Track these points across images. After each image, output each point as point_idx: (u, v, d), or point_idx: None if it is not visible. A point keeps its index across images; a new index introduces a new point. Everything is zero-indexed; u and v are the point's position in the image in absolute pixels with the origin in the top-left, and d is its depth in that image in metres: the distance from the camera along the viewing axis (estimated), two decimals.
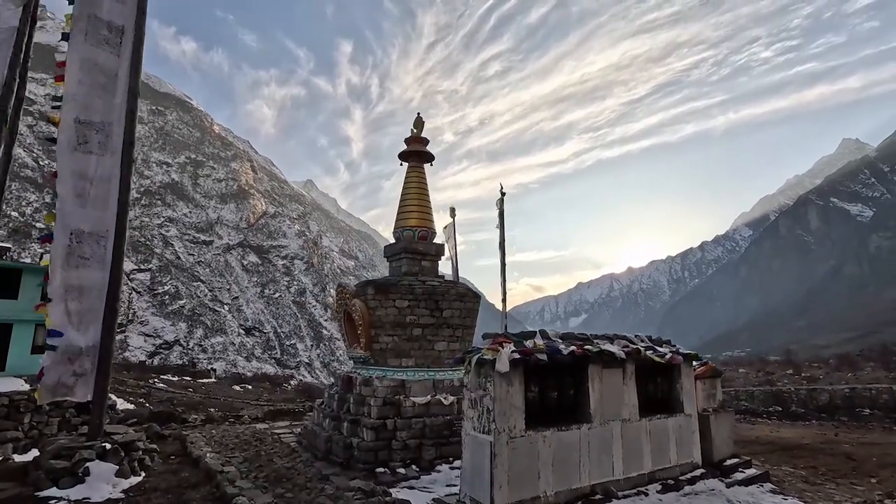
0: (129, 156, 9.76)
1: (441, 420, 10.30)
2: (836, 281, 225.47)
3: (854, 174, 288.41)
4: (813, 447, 13.66)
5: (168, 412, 19.35)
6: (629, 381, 8.19)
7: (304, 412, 42.94)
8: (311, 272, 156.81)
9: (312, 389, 63.88)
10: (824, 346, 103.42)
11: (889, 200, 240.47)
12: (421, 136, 13.40)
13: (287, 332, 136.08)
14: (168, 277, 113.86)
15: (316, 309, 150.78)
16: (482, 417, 6.67)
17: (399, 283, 11.40)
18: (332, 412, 11.17)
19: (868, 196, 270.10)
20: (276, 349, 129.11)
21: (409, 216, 12.82)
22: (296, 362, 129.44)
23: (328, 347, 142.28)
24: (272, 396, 53.81)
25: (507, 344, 6.82)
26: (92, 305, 8.92)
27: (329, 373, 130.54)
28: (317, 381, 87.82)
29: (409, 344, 11.16)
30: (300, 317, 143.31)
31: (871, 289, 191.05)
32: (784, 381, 37.22)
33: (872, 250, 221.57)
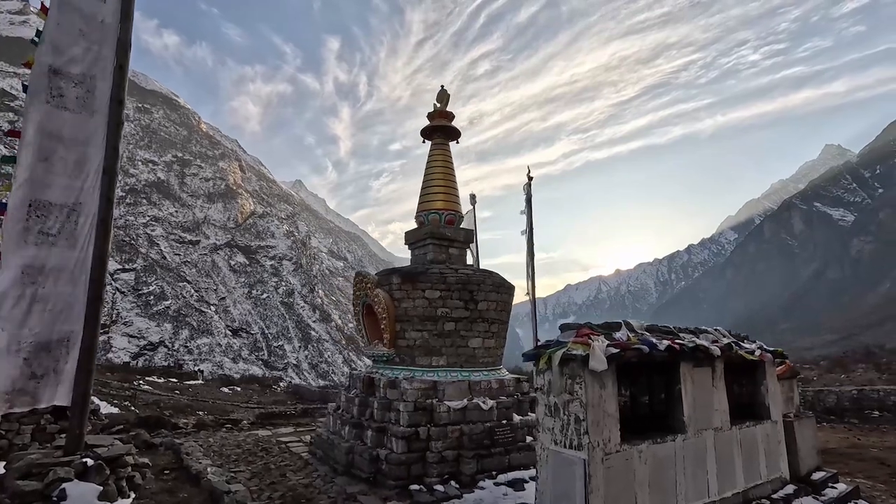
0: (117, 116, 8.26)
1: (481, 428, 8.92)
2: (818, 284, 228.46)
3: (836, 179, 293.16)
4: (841, 452, 13.06)
5: (156, 417, 17.68)
6: (719, 383, 6.91)
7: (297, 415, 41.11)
8: (299, 273, 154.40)
9: (302, 391, 61.89)
10: (808, 347, 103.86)
11: (870, 205, 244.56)
12: (446, 110, 12.04)
13: (275, 333, 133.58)
14: (153, 277, 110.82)
15: (304, 310, 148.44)
16: (568, 428, 5.32)
17: (428, 271, 10.02)
18: (352, 418, 9.73)
19: (849, 201, 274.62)
20: (264, 350, 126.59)
21: (434, 198, 11.45)
22: (283, 364, 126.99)
23: (316, 349, 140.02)
24: (262, 399, 51.79)
25: (597, 336, 5.50)
26: (59, 291, 7.35)
27: (317, 375, 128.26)
28: (305, 383, 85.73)
29: (440, 340, 9.77)
30: (288, 318, 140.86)
31: (852, 292, 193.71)
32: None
33: (854, 254, 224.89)
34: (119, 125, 8.37)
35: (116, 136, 8.28)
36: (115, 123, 8.28)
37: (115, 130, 8.29)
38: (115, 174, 8.20)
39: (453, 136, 12.15)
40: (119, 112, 8.38)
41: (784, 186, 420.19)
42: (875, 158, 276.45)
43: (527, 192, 13.76)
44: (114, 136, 8.23)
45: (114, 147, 8.21)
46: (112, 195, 8.12)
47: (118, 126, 8.36)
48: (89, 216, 7.85)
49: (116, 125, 8.30)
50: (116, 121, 8.31)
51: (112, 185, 8.13)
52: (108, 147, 8.16)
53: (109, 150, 8.15)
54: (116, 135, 8.29)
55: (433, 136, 12.10)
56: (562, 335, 5.78)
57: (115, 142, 8.23)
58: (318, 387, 75.45)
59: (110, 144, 8.18)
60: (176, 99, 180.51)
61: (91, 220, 7.81)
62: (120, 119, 8.39)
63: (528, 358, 5.93)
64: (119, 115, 8.37)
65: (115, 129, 8.27)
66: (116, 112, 8.31)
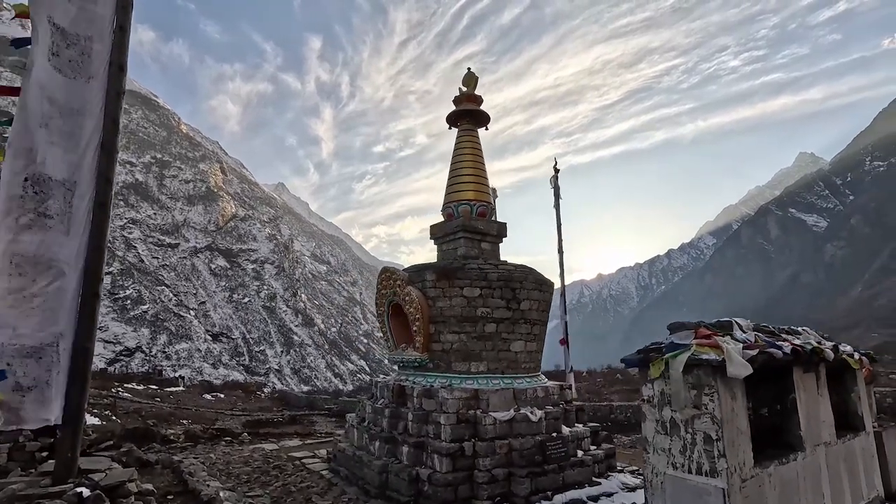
0: (117, 84, 7.10)
1: (531, 442, 7.93)
2: (794, 288, 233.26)
3: (810, 186, 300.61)
4: None
5: (144, 429, 16.23)
6: (823, 391, 6.05)
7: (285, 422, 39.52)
8: (281, 276, 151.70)
9: (289, 398, 59.94)
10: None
11: (842, 212, 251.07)
12: (474, 93, 11.07)
13: (256, 337, 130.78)
14: (130, 281, 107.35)
15: (287, 314, 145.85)
16: (692, 450, 4.36)
17: (466, 266, 9.01)
18: (382, 432, 8.63)
19: (822, 207, 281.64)
20: (245, 356, 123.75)
21: (464, 188, 10.46)
22: (265, 369, 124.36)
23: (299, 354, 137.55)
24: (247, 405, 49.91)
25: (720, 337, 4.57)
26: (51, 284, 6.15)
27: (300, 380, 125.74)
28: (290, 389, 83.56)
29: (480, 343, 8.76)
30: (270, 322, 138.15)
31: (826, 296, 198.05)
32: None
33: (827, 259, 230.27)
34: (119, 95, 7.18)
35: (116, 106, 7.10)
36: (115, 92, 7.10)
37: (115, 100, 7.10)
38: (115, 150, 7.01)
39: (482, 122, 11.19)
40: (120, 80, 7.19)
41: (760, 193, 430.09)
42: (846, 167, 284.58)
43: (554, 185, 12.87)
44: (113, 107, 7.04)
45: (113, 119, 7.02)
46: (111, 174, 6.92)
47: (118, 95, 7.18)
48: (85, 197, 6.65)
49: (116, 94, 7.11)
50: (117, 89, 7.12)
51: (111, 163, 6.94)
52: (107, 119, 6.99)
53: (108, 123, 6.97)
54: (116, 105, 7.10)
55: (460, 121, 11.13)
56: (674, 336, 4.83)
57: (114, 113, 7.04)
58: (303, 392, 73.48)
59: (109, 116, 7.00)
60: (155, 99, 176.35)
61: (88, 203, 6.61)
62: (121, 87, 7.20)
63: (630, 363, 4.97)
64: (120, 82, 7.18)
65: (114, 98, 7.08)
66: (117, 79, 7.13)
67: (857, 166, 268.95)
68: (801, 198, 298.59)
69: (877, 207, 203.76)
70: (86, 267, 6.58)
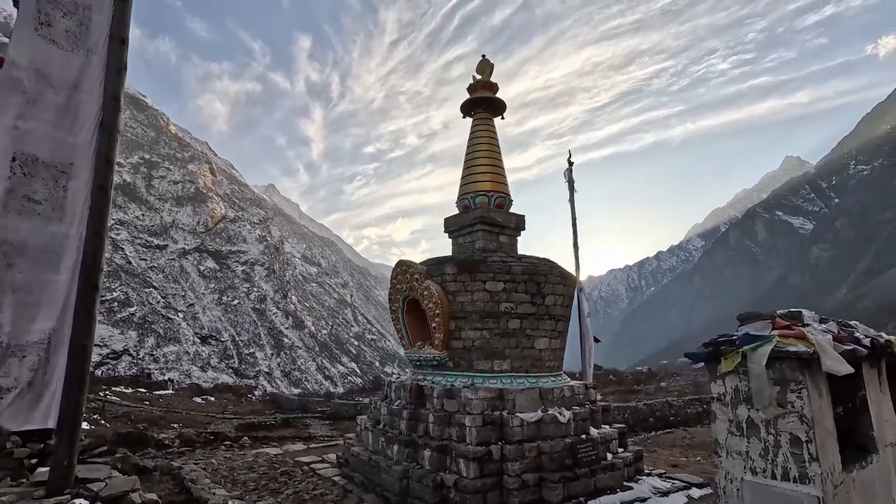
0: (118, 58, 6.53)
1: (561, 444, 7.46)
2: (781, 289, 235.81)
3: (796, 189, 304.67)
4: None
5: (138, 433, 15.52)
6: (884, 387, 5.65)
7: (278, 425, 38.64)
8: (272, 278, 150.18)
9: (281, 400, 58.94)
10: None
11: (827, 215, 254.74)
12: (490, 80, 10.61)
13: (246, 340, 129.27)
14: (117, 283, 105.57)
15: (277, 316, 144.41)
16: (775, 453, 3.92)
17: (488, 259, 8.53)
18: (400, 435, 8.11)
19: (808, 210, 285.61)
20: (234, 358, 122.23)
21: (481, 178, 9.99)
22: (255, 372, 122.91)
23: (289, 356, 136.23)
24: (238, 409, 48.96)
25: (800, 328, 4.13)
26: (40, 277, 5.53)
27: (290, 382, 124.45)
28: (281, 392, 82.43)
29: (504, 341, 8.28)
30: (260, 325, 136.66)
31: (812, 297, 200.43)
32: None
33: (813, 261, 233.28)
34: (121, 70, 6.61)
35: (118, 82, 6.51)
36: (115, 67, 6.54)
37: (116, 76, 6.52)
38: (116, 129, 6.44)
39: (499, 110, 10.74)
40: (121, 54, 6.60)
41: (748, 195, 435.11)
42: (831, 170, 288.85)
43: (568, 179, 12.47)
44: (114, 83, 6.45)
45: (114, 96, 6.44)
46: (112, 156, 6.32)
47: (119, 71, 6.61)
48: (82, 181, 6.06)
49: (118, 70, 6.54)
50: (118, 64, 6.55)
51: (112, 145, 6.34)
52: (107, 96, 6.42)
53: (109, 100, 6.40)
54: (118, 81, 6.51)
55: (475, 110, 10.67)
56: (747, 326, 4.39)
57: (115, 89, 6.46)
58: (295, 395, 72.45)
59: (109, 93, 6.43)
60: (143, 99, 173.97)
61: (85, 187, 6.03)
62: (122, 62, 6.62)
63: (697, 358, 4.52)
64: (121, 57, 6.59)
65: (115, 74, 6.52)
66: (117, 53, 6.54)
67: (841, 170, 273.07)
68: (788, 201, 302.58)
69: (861, 210, 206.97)
70: (83, 256, 6.01)
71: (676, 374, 52.83)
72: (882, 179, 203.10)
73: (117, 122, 6.64)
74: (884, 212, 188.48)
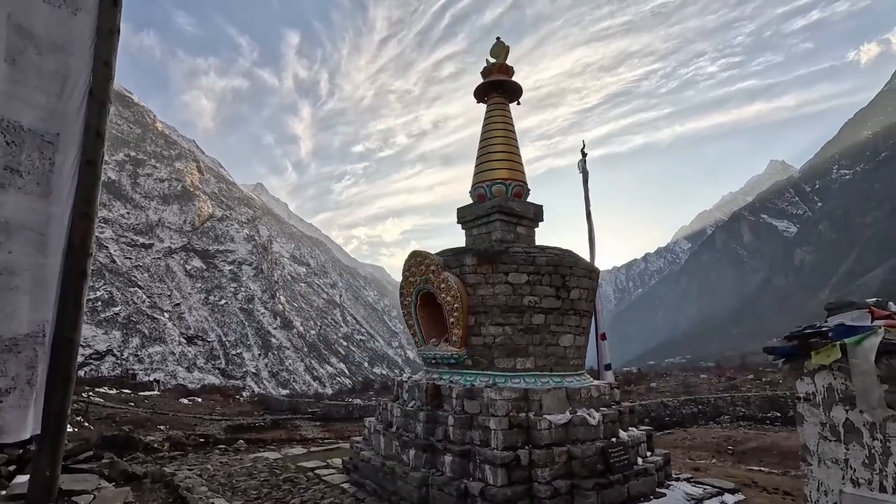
0: (110, 19, 5.89)
1: (592, 448, 6.91)
2: (765, 291, 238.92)
3: (780, 193, 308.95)
4: None
5: (125, 436, 14.69)
6: None
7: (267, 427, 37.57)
8: (259, 278, 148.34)
9: (270, 402, 57.80)
10: (756, 352, 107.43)
11: (811, 218, 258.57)
12: (505, 64, 10.06)
13: (233, 340, 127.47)
14: (101, 282, 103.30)
15: (265, 316, 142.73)
16: (884, 462, 3.39)
17: (510, 249, 7.96)
18: (416, 439, 7.49)
19: (793, 213, 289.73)
20: (221, 359, 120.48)
21: (497, 165, 9.42)
22: (242, 372, 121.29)
23: (277, 357, 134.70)
24: (226, 410, 47.90)
25: None
26: (29, 260, 4.91)
27: (278, 383, 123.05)
28: (270, 393, 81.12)
29: (527, 337, 7.71)
30: (247, 325, 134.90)
31: (796, 299, 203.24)
32: (748, 385, 36.83)
33: (797, 263, 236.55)
34: (113, 32, 5.93)
35: (109, 46, 5.82)
36: (107, 29, 5.86)
37: (108, 39, 5.83)
38: (108, 99, 5.76)
39: (514, 95, 10.19)
40: (113, 14, 5.92)
41: (734, 199, 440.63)
42: (814, 174, 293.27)
43: (582, 169, 11.93)
44: (106, 47, 5.76)
45: (105, 62, 5.76)
46: (103, 128, 5.62)
47: (111, 34, 5.93)
48: (70, 155, 5.39)
49: (109, 31, 5.87)
50: (110, 26, 5.88)
51: (103, 114, 5.62)
52: (98, 61, 5.73)
53: (99, 65, 5.71)
54: (109, 44, 5.84)
55: (490, 94, 10.11)
56: (840, 316, 3.86)
57: (107, 54, 5.76)
58: (284, 396, 71.22)
59: (101, 58, 5.74)
60: (129, 96, 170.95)
61: (73, 161, 5.37)
62: (114, 24, 5.94)
63: (779, 352, 3.99)
64: (113, 18, 5.91)
65: (107, 36, 5.84)
66: (109, 13, 5.84)
67: (824, 174, 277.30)
68: (773, 204, 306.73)
69: (843, 214, 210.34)
70: (70, 239, 5.32)
71: (666, 374, 52.80)
72: (863, 184, 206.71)
73: (109, 91, 5.92)
74: (865, 215, 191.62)
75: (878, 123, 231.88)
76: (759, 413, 28.14)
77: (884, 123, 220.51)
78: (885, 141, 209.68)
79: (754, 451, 16.83)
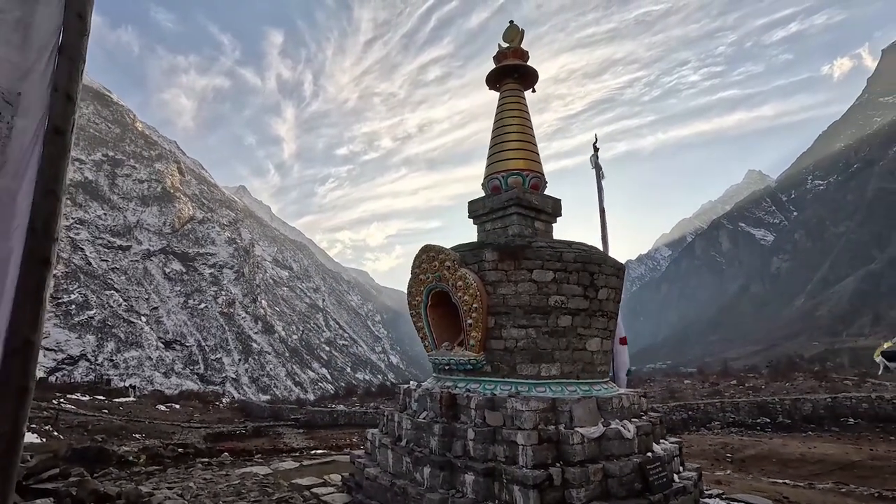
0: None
1: (630, 465, 6.20)
2: (743, 298, 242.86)
3: (758, 202, 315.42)
4: (870, 466, 12.50)
5: (97, 448, 13.52)
6: None
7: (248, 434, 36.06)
8: (241, 282, 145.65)
9: (251, 408, 56.07)
10: (735, 358, 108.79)
11: (787, 227, 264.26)
12: (520, 48, 9.39)
13: (213, 345, 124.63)
14: (76, 285, 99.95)
15: (245, 321, 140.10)
16: None
17: (533, 244, 7.24)
18: (431, 454, 6.69)
19: (769, 222, 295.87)
20: (200, 364, 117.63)
21: (513, 155, 8.70)
22: (221, 378, 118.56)
23: (257, 362, 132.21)
24: (205, 417, 46.28)
25: None
26: None
27: (258, 389, 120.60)
28: (250, 399, 79.05)
29: (553, 341, 6.98)
30: (228, 329, 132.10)
31: (772, 306, 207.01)
32: (731, 391, 36.95)
33: (773, 271, 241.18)
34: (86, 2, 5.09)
35: (82, 23, 4.97)
36: None
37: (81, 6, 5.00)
38: (80, 58, 4.88)
39: (530, 82, 9.50)
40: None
41: (713, 207, 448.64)
42: (790, 184, 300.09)
43: (594, 164, 11.33)
44: (79, 24, 4.92)
45: (79, 14, 4.88)
46: (74, 92, 4.75)
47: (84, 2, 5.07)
48: (32, 120, 4.51)
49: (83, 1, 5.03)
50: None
51: (74, 77, 4.75)
52: (70, 13, 4.85)
53: (72, 19, 4.83)
54: (82, 23, 4.97)
55: (504, 81, 9.40)
56: None
57: (80, 6, 4.94)
58: (265, 402, 69.29)
59: (74, 9, 4.87)
60: (108, 95, 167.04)
61: (37, 127, 4.50)
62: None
63: None
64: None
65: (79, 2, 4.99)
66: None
67: (800, 184, 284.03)
68: (750, 213, 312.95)
69: (818, 223, 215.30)
70: (32, 221, 4.42)
71: (649, 379, 52.64)
72: (836, 194, 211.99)
73: (82, 48, 5.00)
74: (838, 225, 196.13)
75: (850, 136, 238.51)
76: (749, 419, 27.89)
77: (855, 136, 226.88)
78: (857, 153, 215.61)
79: (754, 459, 16.45)
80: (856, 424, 23.48)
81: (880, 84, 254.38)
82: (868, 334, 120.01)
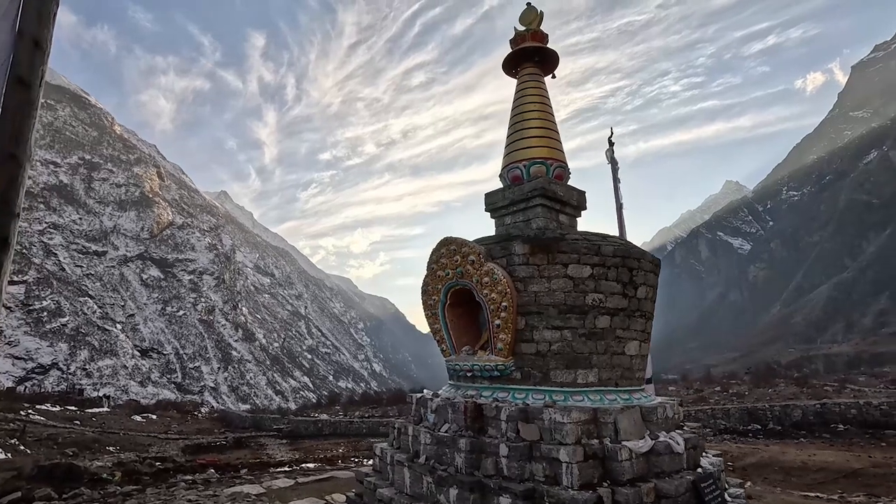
0: None
1: (684, 483, 5.48)
2: (722, 306, 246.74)
3: (735, 212, 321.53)
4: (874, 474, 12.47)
5: (67, 465, 12.32)
6: None
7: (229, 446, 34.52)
8: (221, 289, 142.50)
9: (231, 418, 54.23)
10: (714, 364, 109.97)
11: (763, 236, 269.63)
12: (540, 30, 8.74)
13: (191, 353, 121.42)
14: (48, 291, 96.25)
15: (225, 328, 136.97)
16: None
17: (567, 236, 6.53)
18: (457, 474, 5.87)
19: (746, 231, 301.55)
20: (178, 372, 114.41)
21: (535, 143, 8.00)
22: (200, 387, 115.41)
23: (237, 370, 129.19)
24: (183, 427, 44.50)
25: None
26: None
27: (238, 398, 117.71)
28: (230, 408, 76.70)
29: (590, 344, 6.26)
30: (207, 337, 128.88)
31: (749, 314, 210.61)
32: (715, 398, 36.92)
33: (750, 279, 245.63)
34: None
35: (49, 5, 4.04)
36: None
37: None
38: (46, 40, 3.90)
39: (550, 66, 8.85)
40: None
41: (692, 216, 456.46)
42: (766, 195, 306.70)
43: (610, 159, 10.73)
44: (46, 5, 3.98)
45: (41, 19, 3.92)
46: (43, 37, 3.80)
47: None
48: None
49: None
50: None
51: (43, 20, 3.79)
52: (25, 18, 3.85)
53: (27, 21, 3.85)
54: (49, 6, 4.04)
55: (523, 65, 8.73)
56: None
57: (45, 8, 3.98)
58: (245, 412, 67.19)
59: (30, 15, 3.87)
60: (86, 97, 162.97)
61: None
62: None
63: None
64: None
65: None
66: None
67: (775, 195, 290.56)
68: (728, 222, 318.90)
69: (793, 233, 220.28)
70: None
71: None
72: (810, 205, 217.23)
73: (49, 24, 4.08)
74: (811, 235, 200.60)
75: (822, 149, 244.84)
76: (740, 426, 27.62)
77: (827, 149, 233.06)
78: (829, 165, 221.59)
79: (755, 468, 16.12)
80: (846, 430, 23.38)
81: (850, 99, 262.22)
82: (841, 341, 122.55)
